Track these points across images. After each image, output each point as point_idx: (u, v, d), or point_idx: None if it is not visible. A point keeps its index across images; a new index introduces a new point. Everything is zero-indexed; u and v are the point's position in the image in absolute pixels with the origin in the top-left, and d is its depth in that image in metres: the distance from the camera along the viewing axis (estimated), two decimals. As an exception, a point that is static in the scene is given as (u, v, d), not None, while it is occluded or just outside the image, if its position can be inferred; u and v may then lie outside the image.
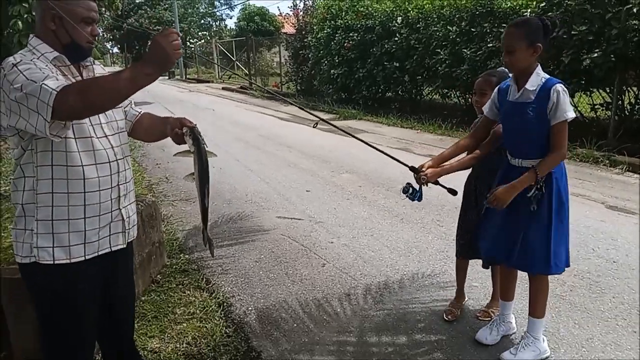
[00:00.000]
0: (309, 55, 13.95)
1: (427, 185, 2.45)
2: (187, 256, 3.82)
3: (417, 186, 2.51)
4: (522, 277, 2.65)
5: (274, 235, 4.23)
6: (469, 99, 10.07)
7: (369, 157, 7.01)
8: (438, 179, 2.47)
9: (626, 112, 7.16)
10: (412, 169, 2.50)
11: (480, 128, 2.56)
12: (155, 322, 2.89)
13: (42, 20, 1.71)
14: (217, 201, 5.12)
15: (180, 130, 1.84)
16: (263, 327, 2.86)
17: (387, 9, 10.88)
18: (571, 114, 2.17)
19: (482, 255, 2.69)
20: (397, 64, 10.46)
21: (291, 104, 3.38)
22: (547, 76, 2.25)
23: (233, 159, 6.91)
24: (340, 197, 5.24)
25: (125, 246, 1.90)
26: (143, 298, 3.14)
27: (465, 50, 8.60)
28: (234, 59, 23.38)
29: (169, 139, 1.91)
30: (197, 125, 1.87)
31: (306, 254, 3.83)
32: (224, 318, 2.95)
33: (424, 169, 2.44)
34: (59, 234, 1.69)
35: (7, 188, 6.97)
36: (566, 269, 2.43)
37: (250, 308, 3.07)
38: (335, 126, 2.82)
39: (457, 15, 8.96)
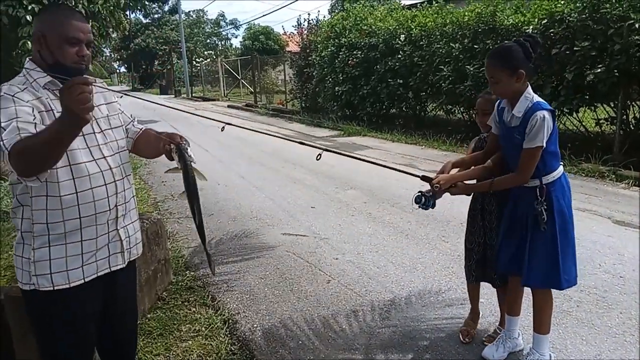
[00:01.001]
0: (314, 73, 14.08)
1: (441, 197, 2.41)
2: (192, 273, 3.83)
3: (429, 195, 2.46)
4: (528, 292, 2.63)
5: (279, 252, 4.23)
6: (473, 115, 10.11)
7: (373, 174, 7.02)
8: (455, 184, 2.42)
9: (631, 126, 7.16)
10: (423, 178, 2.50)
11: (490, 144, 2.56)
12: (161, 340, 2.88)
13: (33, 42, 1.72)
14: (222, 218, 5.13)
15: (169, 146, 1.81)
16: (269, 345, 2.85)
17: (390, 27, 11.00)
18: (540, 143, 2.17)
19: (498, 270, 2.62)
20: (401, 81, 10.53)
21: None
22: (537, 100, 2.25)
23: (238, 175, 6.95)
24: (345, 214, 5.24)
25: (125, 265, 1.88)
26: (149, 315, 3.14)
27: (468, 66, 8.65)
28: (239, 77, 23.62)
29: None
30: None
31: (311, 271, 3.83)
32: (229, 335, 2.94)
33: (436, 178, 2.40)
34: (57, 259, 1.69)
35: (7, 203, 7.03)
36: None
37: (255, 325, 3.06)
38: (340, 152, 2.82)
39: (459, 33, 9.04)
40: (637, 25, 6.00)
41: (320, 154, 2.51)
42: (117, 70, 58.09)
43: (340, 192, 6.14)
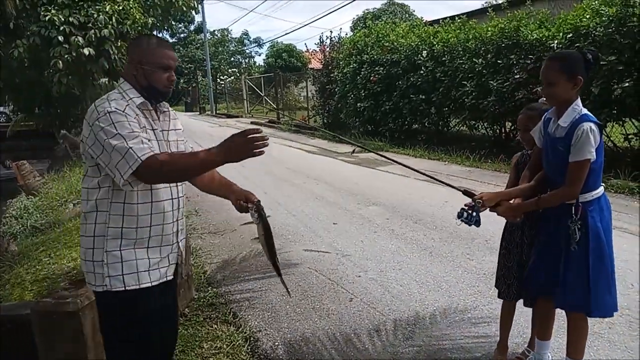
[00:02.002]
0: (336, 90, 14.16)
1: (481, 211, 2.33)
2: (214, 289, 3.84)
3: (471, 211, 2.39)
4: (560, 313, 2.55)
5: (301, 269, 4.21)
6: (497, 130, 10.00)
7: (396, 189, 6.98)
8: (498, 202, 2.36)
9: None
10: (465, 192, 2.40)
11: (534, 159, 2.48)
12: (183, 357, 2.88)
13: (128, 64, 1.93)
14: (245, 234, 5.16)
15: (245, 203, 2.11)
16: (290, 363, 2.82)
17: (412, 43, 11.01)
18: (589, 155, 2.10)
19: (530, 291, 2.54)
20: (423, 97, 10.50)
21: (344, 140, 3.41)
22: (584, 112, 2.18)
23: (262, 191, 6.97)
24: (367, 230, 5.20)
25: (173, 277, 2.04)
26: (171, 331, 3.15)
27: (491, 82, 8.58)
28: (262, 94, 23.93)
29: None
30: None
31: (333, 288, 3.79)
32: (250, 353, 2.93)
33: (480, 194, 2.37)
34: (128, 261, 1.83)
35: (42, 222, 7.20)
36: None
37: (277, 343, 3.04)
38: (388, 158, 2.81)
39: (482, 48, 8.99)
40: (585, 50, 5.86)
41: (354, 149, 2.51)
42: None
43: (363, 208, 6.11)
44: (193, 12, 16.32)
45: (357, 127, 13.14)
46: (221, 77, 32.63)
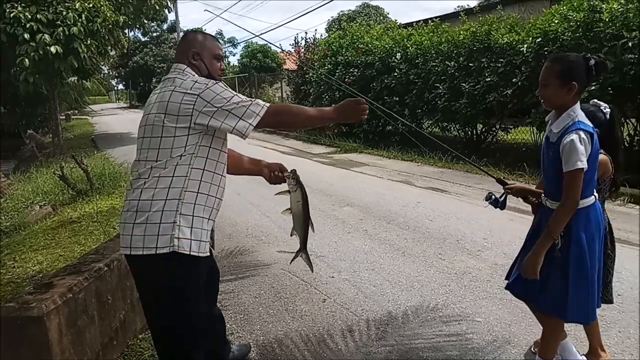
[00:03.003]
0: (310, 91, 14.16)
1: (508, 195, 2.56)
2: (186, 292, 3.77)
3: (499, 197, 2.59)
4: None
5: (274, 270, 4.19)
6: (469, 132, 10.16)
7: (369, 190, 7.02)
8: (525, 195, 2.55)
9: (626, 143, 7.18)
10: (499, 180, 2.63)
11: None
12: (152, 361, 2.83)
13: (184, 55, 2.13)
14: (217, 235, 5.09)
15: (281, 173, 2.38)
16: (262, 365, 2.80)
17: (386, 46, 11.11)
18: (579, 165, 2.04)
19: (516, 292, 2.54)
20: (397, 98, 10.60)
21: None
22: (578, 119, 2.12)
23: (235, 193, 6.91)
24: (341, 231, 5.21)
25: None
26: (140, 336, 3.09)
27: (463, 84, 8.72)
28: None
29: None
30: None
31: (306, 289, 3.78)
32: (222, 356, 2.88)
33: (511, 183, 2.57)
34: (196, 229, 1.97)
35: (7, 224, 6.97)
36: None
37: (242, 342, 3.01)
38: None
39: (455, 51, 9.14)
40: (630, 44, 6.07)
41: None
42: (115, 88, 58.29)
43: (337, 209, 6.12)
44: (166, 11, 16.09)
45: (331, 128, 13.16)
46: (195, 77, 32.14)
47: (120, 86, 53.62)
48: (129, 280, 3.04)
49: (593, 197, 2.22)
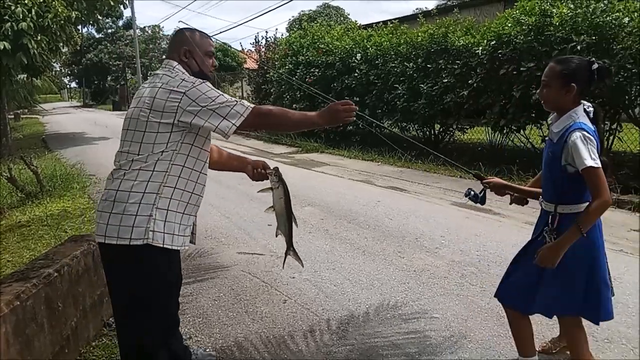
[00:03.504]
0: (272, 90, 14.10)
1: (486, 190, 2.61)
2: (142, 296, 3.67)
3: (478, 192, 2.64)
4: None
5: (234, 272, 4.13)
6: (427, 132, 10.37)
7: (330, 190, 7.05)
8: (502, 190, 2.57)
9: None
10: (476, 175, 2.69)
11: None
12: (107, 368, 2.73)
13: (176, 52, 2.17)
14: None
15: (264, 170, 2.40)
16: (222, 369, 2.75)
17: (346, 46, 11.19)
18: (591, 162, 1.99)
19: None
20: (358, 99, 10.67)
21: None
22: (579, 120, 2.10)
23: (193, 194, 6.80)
24: (302, 231, 5.19)
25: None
26: (93, 343, 2.98)
27: (422, 85, 8.89)
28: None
29: None
30: None
31: (267, 290, 3.75)
32: (180, 361, 2.82)
33: (490, 178, 2.61)
34: (170, 223, 2.02)
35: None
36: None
37: (208, 350, 2.95)
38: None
39: (413, 52, 9.30)
40: (578, 47, 6.33)
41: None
42: (68, 86, 56.20)
43: (298, 209, 6.11)
44: (121, 7, 15.62)
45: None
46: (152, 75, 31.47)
47: (74, 84, 51.78)
48: (81, 286, 2.93)
49: (588, 203, 2.13)
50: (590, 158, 2.01)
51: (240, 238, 5.01)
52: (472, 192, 2.66)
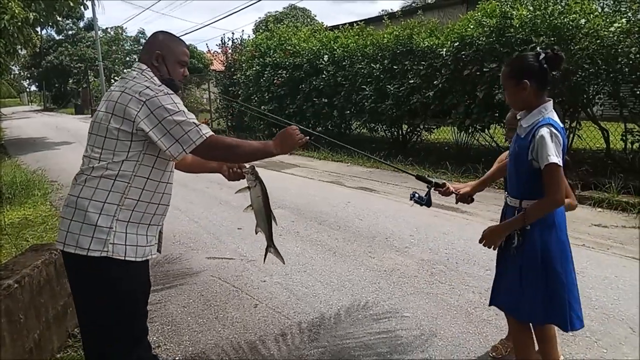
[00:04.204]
0: (239, 92, 13.98)
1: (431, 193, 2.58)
2: (109, 305, 3.57)
3: (422, 193, 2.61)
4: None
5: (204, 277, 4.07)
6: (395, 132, 10.48)
7: (301, 192, 7.04)
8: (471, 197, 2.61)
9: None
10: (418, 177, 2.65)
11: None
12: (72, 382, 2.65)
13: (148, 55, 2.08)
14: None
15: (239, 169, 2.33)
16: (192, 377, 2.71)
17: (313, 48, 11.21)
18: (553, 159, 1.99)
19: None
20: (326, 100, 10.73)
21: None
22: (548, 116, 2.10)
23: (161, 198, 6.68)
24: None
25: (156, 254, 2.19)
26: (58, 355, 2.88)
27: (389, 86, 8.98)
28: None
29: None
30: None
31: (237, 295, 3.71)
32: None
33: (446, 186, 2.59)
34: (132, 234, 1.95)
35: None
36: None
37: (177, 358, 2.90)
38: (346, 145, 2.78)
39: (379, 54, 9.39)
40: (538, 48, 6.51)
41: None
42: (27, 89, 54.33)
43: (268, 212, 6.06)
44: (82, 8, 15.21)
45: (262, 130, 13.07)
46: (115, 78, 30.75)
47: (34, 87, 50.09)
48: (43, 297, 2.83)
49: None
50: (554, 155, 2.00)
51: (209, 242, 4.94)
52: (417, 195, 2.61)
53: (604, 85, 6.63)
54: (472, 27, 7.62)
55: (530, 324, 2.31)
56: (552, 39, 6.52)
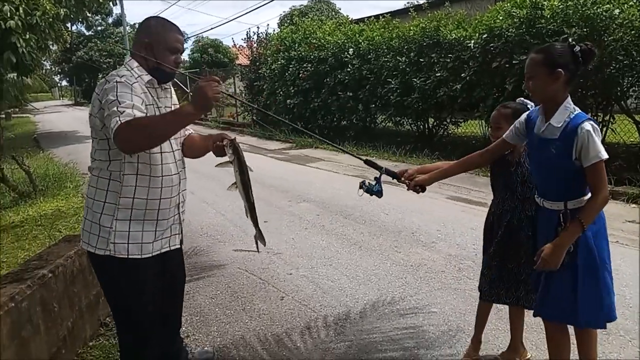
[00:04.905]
0: (264, 86, 14.03)
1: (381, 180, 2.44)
2: (139, 295, 3.65)
3: (370, 181, 2.46)
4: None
5: (231, 270, 4.12)
6: (421, 126, 10.37)
7: (326, 186, 7.04)
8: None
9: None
10: (367, 162, 2.51)
11: (495, 149, 2.35)
12: (104, 369, 2.72)
13: (137, 44, 2.02)
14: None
15: (221, 142, 2.12)
16: (220, 367, 2.74)
17: (338, 41, 11.15)
18: (604, 154, 1.92)
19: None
20: (351, 94, 10.66)
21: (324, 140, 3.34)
22: (577, 111, 2.01)
23: (188, 191, 6.76)
24: (298, 227, 5.19)
25: (179, 245, 2.23)
26: (91, 343, 2.96)
27: (414, 79, 8.87)
28: (188, 91, 23.20)
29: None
30: None
31: (264, 288, 3.74)
32: (178, 360, 2.80)
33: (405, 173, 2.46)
34: (135, 232, 1.96)
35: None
36: None
37: (206, 348, 2.94)
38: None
39: (405, 47, 9.28)
40: (570, 39, 6.34)
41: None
42: (59, 84, 55.69)
43: (293, 205, 6.10)
44: (110, 4, 15.47)
45: (286, 124, 13.10)
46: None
47: (65, 82, 51.33)
48: (76, 286, 2.91)
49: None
50: (603, 150, 1.92)
51: (236, 235, 4.99)
52: (366, 184, 2.44)
53: (639, 77, 6.41)
54: (501, 18, 7.46)
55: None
56: (585, 30, 6.32)
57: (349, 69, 10.58)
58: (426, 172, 2.47)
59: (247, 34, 15.90)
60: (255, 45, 15.45)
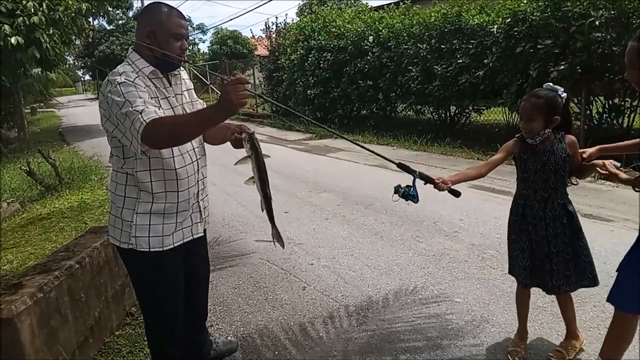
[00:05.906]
0: (283, 77, 14.01)
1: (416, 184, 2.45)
2: (163, 286, 3.71)
3: (407, 184, 2.50)
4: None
5: (253, 260, 4.14)
6: (442, 114, 10.22)
7: (346, 176, 7.01)
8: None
9: (595, 121, 7.34)
10: (399, 165, 2.54)
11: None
12: (131, 358, 2.77)
13: (140, 34, 1.96)
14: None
15: (240, 135, 2.05)
16: (244, 356, 2.77)
17: (358, 29, 11.04)
18: None
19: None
20: (371, 82, 10.56)
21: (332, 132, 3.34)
22: None
23: (209, 182, 6.81)
24: (319, 217, 5.19)
25: (203, 233, 2.24)
26: (117, 333, 3.02)
27: (436, 67, 8.73)
28: (207, 82, 23.34)
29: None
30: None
31: (286, 278, 3.76)
32: (202, 349, 2.84)
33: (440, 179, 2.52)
34: (155, 225, 1.97)
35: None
36: None
37: (229, 337, 2.97)
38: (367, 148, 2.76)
39: (426, 33, 9.13)
40: (597, 23, 6.15)
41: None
42: (82, 79, 56.60)
43: (314, 195, 6.09)
44: (130, -2, 15.56)
45: (307, 115, 13.08)
46: (164, 66, 31.45)
47: (87, 77, 52.13)
48: (102, 277, 2.96)
49: None
50: None
51: (257, 226, 5.01)
52: (402, 189, 2.42)
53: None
54: (525, 1, 7.27)
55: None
56: (612, 12, 6.12)
57: (369, 57, 10.47)
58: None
59: (265, 25, 15.87)
60: (274, 35, 15.42)
